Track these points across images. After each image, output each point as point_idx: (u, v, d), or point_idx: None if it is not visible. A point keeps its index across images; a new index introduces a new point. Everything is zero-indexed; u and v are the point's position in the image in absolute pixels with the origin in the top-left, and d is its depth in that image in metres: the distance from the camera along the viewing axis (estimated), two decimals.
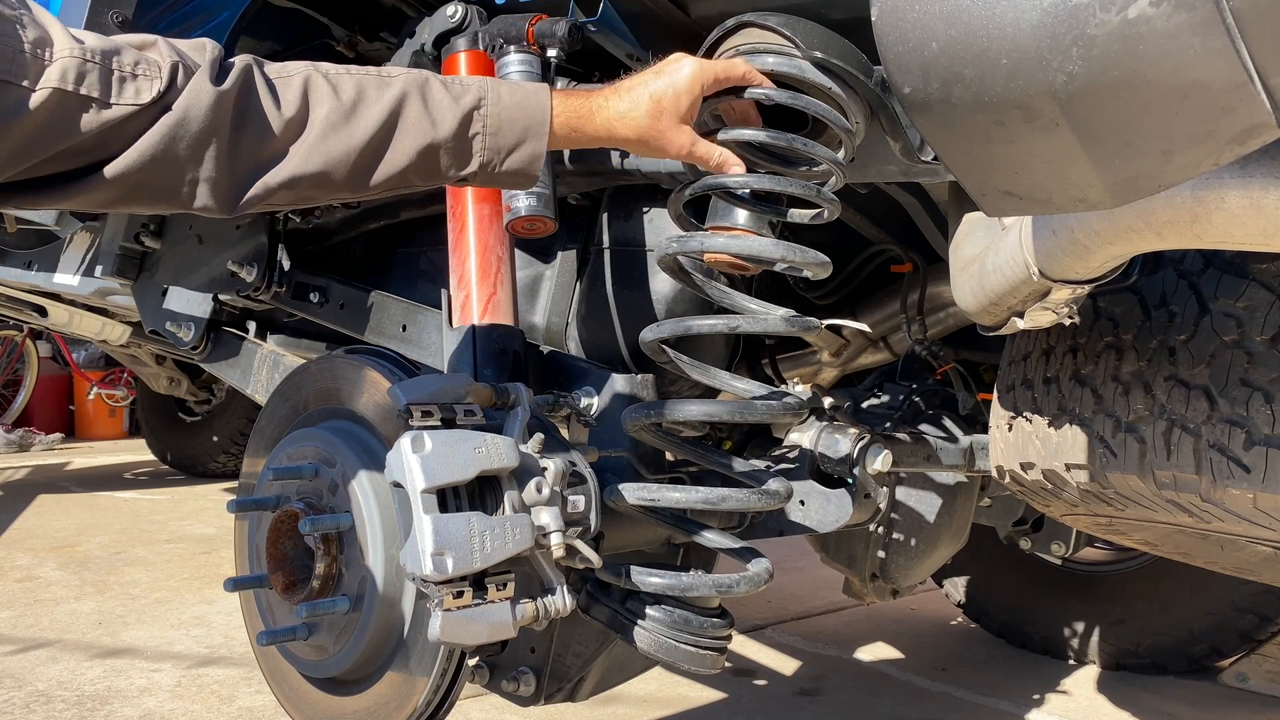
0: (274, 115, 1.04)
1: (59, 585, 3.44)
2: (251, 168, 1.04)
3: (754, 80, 1.15)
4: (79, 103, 0.94)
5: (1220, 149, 0.75)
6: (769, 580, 1.31)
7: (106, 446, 7.25)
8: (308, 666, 1.46)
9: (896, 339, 2.09)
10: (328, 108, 1.06)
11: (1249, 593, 2.55)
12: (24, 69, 0.91)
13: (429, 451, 1.10)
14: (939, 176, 1.33)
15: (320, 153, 1.06)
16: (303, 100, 1.05)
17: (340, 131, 1.06)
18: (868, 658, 2.91)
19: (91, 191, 1.00)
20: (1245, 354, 1.29)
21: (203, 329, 2.47)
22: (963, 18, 0.76)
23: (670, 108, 1.14)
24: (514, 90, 1.16)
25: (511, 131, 1.13)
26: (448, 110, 1.11)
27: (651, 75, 1.16)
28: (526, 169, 1.16)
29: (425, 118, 1.10)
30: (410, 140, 1.10)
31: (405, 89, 1.10)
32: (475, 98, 1.13)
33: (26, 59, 0.92)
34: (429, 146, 1.10)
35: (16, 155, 0.94)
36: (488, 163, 1.14)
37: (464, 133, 1.12)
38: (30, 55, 0.92)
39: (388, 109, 1.09)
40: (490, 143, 1.13)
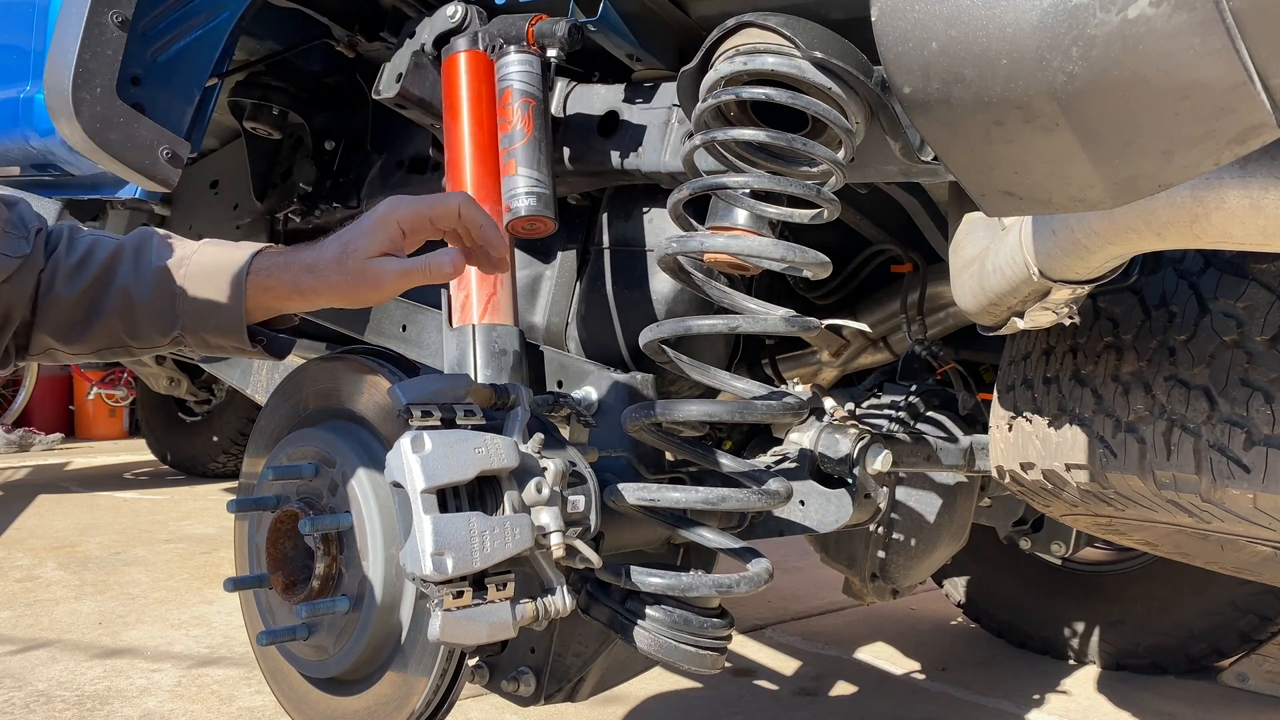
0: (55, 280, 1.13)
1: (59, 585, 3.44)
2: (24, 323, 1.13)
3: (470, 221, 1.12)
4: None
5: (1220, 149, 0.75)
6: (769, 580, 1.31)
7: (106, 446, 7.25)
8: (308, 666, 1.46)
9: (896, 339, 2.09)
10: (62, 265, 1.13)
11: (1249, 593, 2.55)
12: None
13: (429, 451, 1.10)
14: (939, 176, 1.33)
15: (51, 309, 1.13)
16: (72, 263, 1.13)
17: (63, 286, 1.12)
18: (868, 658, 2.91)
19: None
20: (1245, 354, 1.29)
21: None
22: (963, 18, 0.76)
23: (358, 246, 1.11)
24: (222, 247, 1.16)
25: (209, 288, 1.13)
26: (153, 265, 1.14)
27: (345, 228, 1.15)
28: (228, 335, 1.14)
29: (132, 273, 1.13)
30: (116, 298, 1.13)
31: (124, 244, 1.15)
32: (183, 253, 1.15)
33: None
34: (130, 304, 1.13)
35: None
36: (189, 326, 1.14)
37: (164, 290, 1.13)
38: None
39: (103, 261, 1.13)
40: (187, 305, 1.13)
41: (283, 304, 1.17)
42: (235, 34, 1.83)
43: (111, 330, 1.13)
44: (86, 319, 1.12)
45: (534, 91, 1.50)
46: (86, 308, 1.12)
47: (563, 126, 1.66)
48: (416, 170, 2.02)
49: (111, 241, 1.14)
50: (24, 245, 1.07)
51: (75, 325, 1.13)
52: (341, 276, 1.11)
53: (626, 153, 1.59)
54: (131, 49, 1.67)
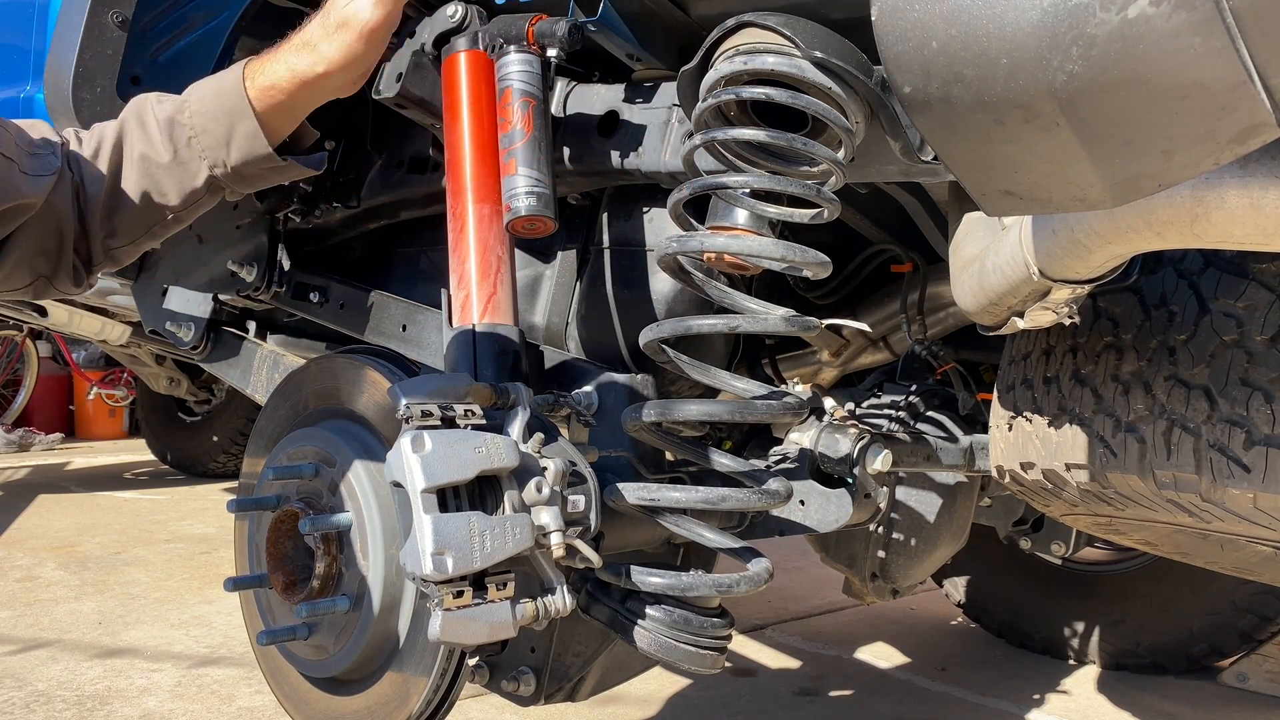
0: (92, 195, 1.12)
1: (59, 585, 3.44)
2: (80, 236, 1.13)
3: None
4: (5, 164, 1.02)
5: (1220, 148, 0.75)
6: (769, 580, 1.31)
7: (106, 446, 7.25)
8: (308, 666, 1.46)
9: (896, 339, 2.09)
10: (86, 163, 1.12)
11: (1249, 593, 2.55)
12: None
13: (429, 451, 1.10)
14: (939, 176, 1.33)
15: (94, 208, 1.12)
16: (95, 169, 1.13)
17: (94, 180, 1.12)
18: (868, 658, 2.91)
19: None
20: (1245, 354, 1.29)
21: (203, 329, 2.47)
22: (963, 17, 0.76)
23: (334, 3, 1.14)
24: (209, 81, 1.15)
25: (217, 120, 1.12)
26: (156, 125, 1.13)
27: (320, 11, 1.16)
28: (253, 153, 1.14)
29: (142, 139, 1.13)
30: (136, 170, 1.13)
31: (124, 118, 1.14)
32: (178, 103, 1.14)
33: None
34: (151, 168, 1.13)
35: None
36: (215, 163, 1.14)
37: (178, 142, 1.13)
38: None
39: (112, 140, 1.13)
40: (205, 141, 1.13)
41: (291, 102, 1.17)
42: (235, 34, 1.83)
43: (149, 204, 1.13)
44: (122, 204, 1.12)
45: (534, 91, 1.50)
46: (118, 192, 1.11)
47: (563, 126, 1.66)
48: (417, 170, 2.02)
49: (112, 123, 1.14)
50: (54, 160, 1.06)
51: (115, 213, 1.12)
52: (327, 35, 1.13)
53: (626, 152, 1.59)
54: (131, 49, 1.67)
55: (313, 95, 1.17)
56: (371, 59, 1.20)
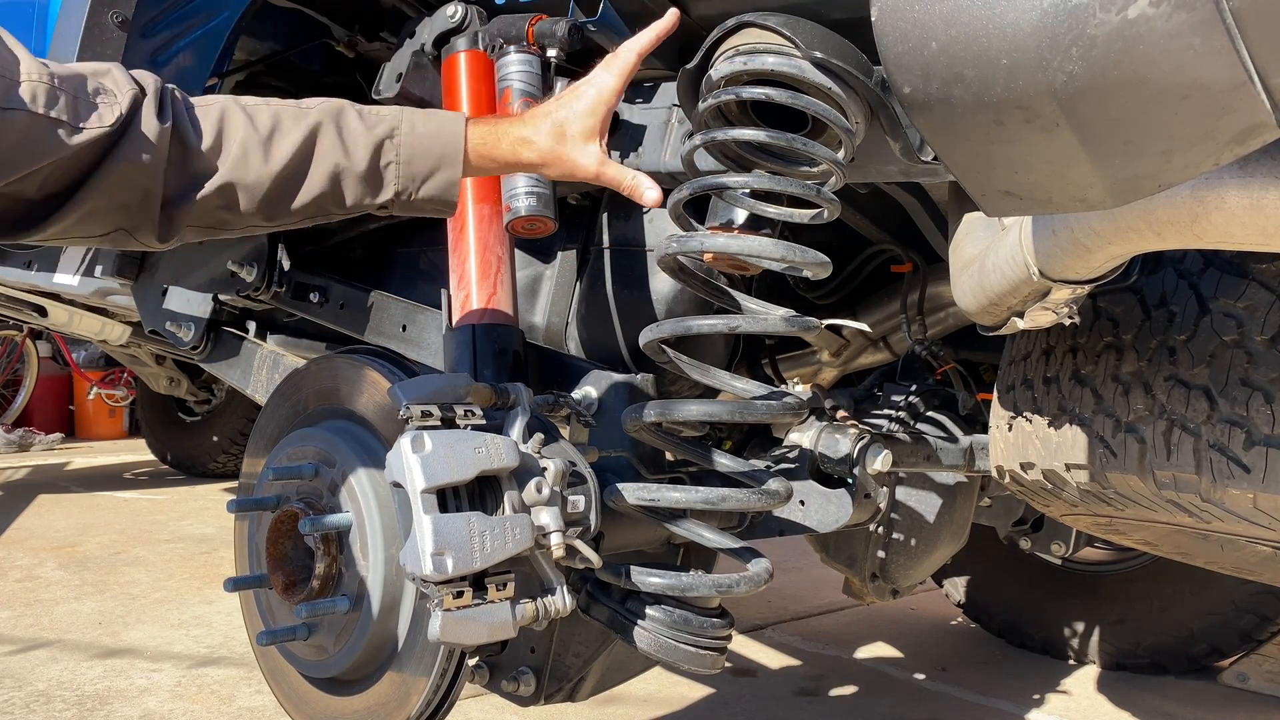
0: (194, 147, 1.08)
1: (59, 585, 3.44)
2: (179, 196, 1.08)
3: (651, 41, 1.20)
4: (49, 125, 0.97)
5: (1220, 149, 0.75)
6: (769, 580, 1.31)
7: (106, 446, 7.25)
8: (308, 666, 1.46)
9: (896, 339, 2.09)
10: (242, 135, 1.09)
11: (1249, 593, 2.55)
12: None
13: (429, 452, 1.10)
14: (939, 176, 1.33)
15: (235, 180, 1.09)
16: (218, 131, 1.09)
17: (254, 160, 1.09)
18: (868, 658, 2.91)
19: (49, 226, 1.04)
20: (1245, 354, 1.29)
21: (203, 329, 2.47)
22: (963, 17, 0.76)
23: (574, 131, 1.18)
24: (429, 119, 1.18)
25: (425, 160, 1.16)
26: (361, 139, 1.14)
27: (554, 103, 1.20)
28: (442, 196, 1.18)
29: (339, 147, 1.13)
30: (323, 168, 1.12)
31: (320, 119, 1.13)
32: (389, 127, 1.15)
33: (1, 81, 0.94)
34: (342, 174, 1.13)
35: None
36: (402, 191, 1.16)
37: (376, 162, 1.14)
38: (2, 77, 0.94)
39: (301, 138, 1.11)
40: (404, 171, 1.15)
41: (490, 169, 1.23)
42: (235, 34, 1.83)
43: (321, 202, 1.14)
44: (290, 191, 1.12)
45: (534, 91, 1.50)
46: (290, 181, 1.11)
47: None
48: None
49: (296, 112, 1.13)
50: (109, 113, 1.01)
51: (275, 200, 1.12)
52: (551, 157, 1.18)
53: (626, 153, 1.59)
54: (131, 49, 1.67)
55: (504, 169, 1.26)
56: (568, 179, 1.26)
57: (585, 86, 1.20)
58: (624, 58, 1.21)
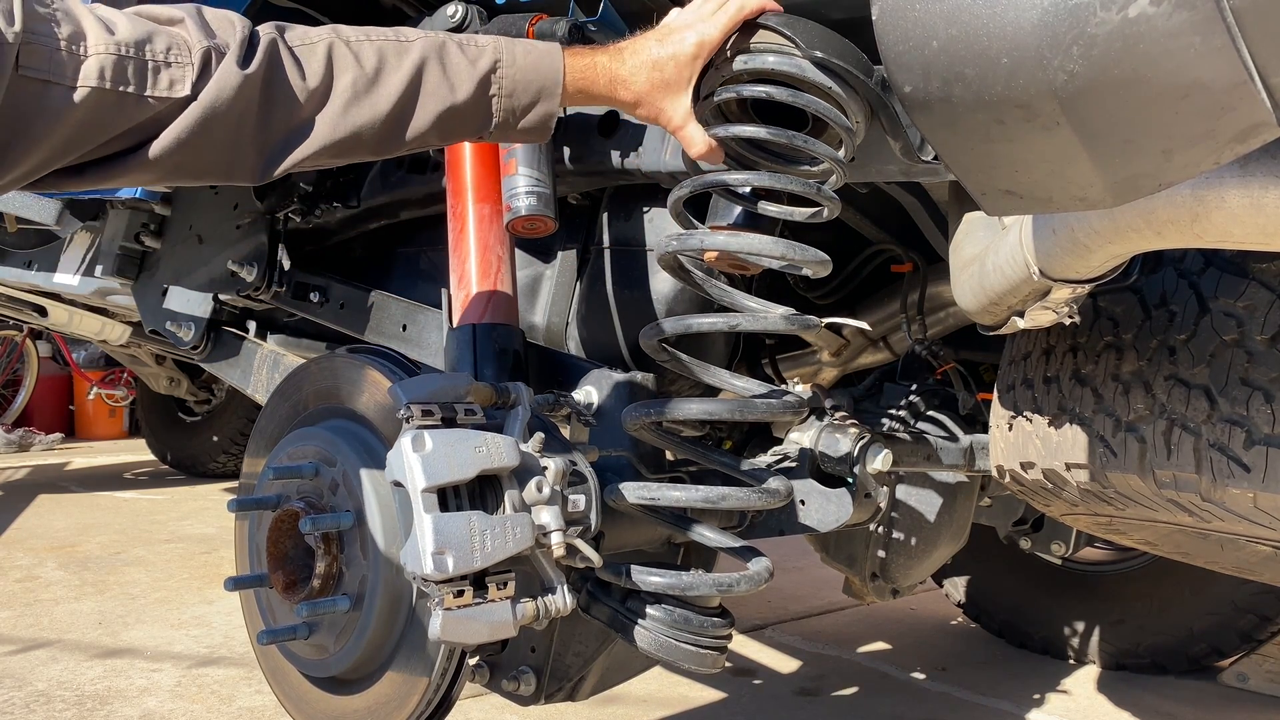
0: (300, 87, 1.06)
1: (59, 585, 3.44)
2: (281, 139, 1.07)
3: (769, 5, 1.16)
4: (117, 99, 0.97)
5: (1220, 148, 0.75)
6: (769, 579, 1.31)
7: (106, 446, 7.25)
8: (308, 666, 1.46)
9: (896, 339, 2.09)
10: (352, 76, 1.08)
11: (1249, 593, 2.55)
12: (62, 67, 0.94)
13: (429, 451, 1.10)
14: (939, 176, 1.33)
15: (347, 121, 1.08)
16: (327, 69, 1.08)
17: (365, 100, 1.09)
18: (868, 658, 2.91)
19: (134, 173, 1.03)
20: (1245, 353, 1.29)
21: (203, 329, 2.47)
22: (963, 17, 0.76)
23: (671, 77, 1.17)
24: (528, 51, 1.18)
25: (526, 92, 1.16)
26: (465, 74, 1.14)
27: (655, 41, 1.18)
28: (541, 125, 1.18)
29: (444, 83, 1.13)
30: (431, 105, 1.12)
31: (424, 54, 1.13)
32: (491, 60, 1.15)
33: (64, 56, 0.94)
34: (449, 110, 1.13)
35: (60, 150, 0.97)
36: (504, 121, 1.17)
37: (482, 95, 1.14)
38: (66, 52, 0.94)
39: (408, 76, 1.11)
40: (507, 104, 1.16)
41: (587, 102, 1.22)
42: None
43: (426, 138, 1.14)
44: (399, 130, 1.12)
45: None
46: (399, 119, 1.11)
47: (563, 126, 1.66)
48: (417, 170, 2.02)
49: (399, 48, 1.13)
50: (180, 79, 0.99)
51: (385, 139, 1.12)
52: (649, 99, 1.18)
53: (626, 152, 1.59)
54: None
55: (599, 103, 1.24)
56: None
57: (687, 31, 1.16)
58: (733, 9, 1.16)
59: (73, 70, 0.94)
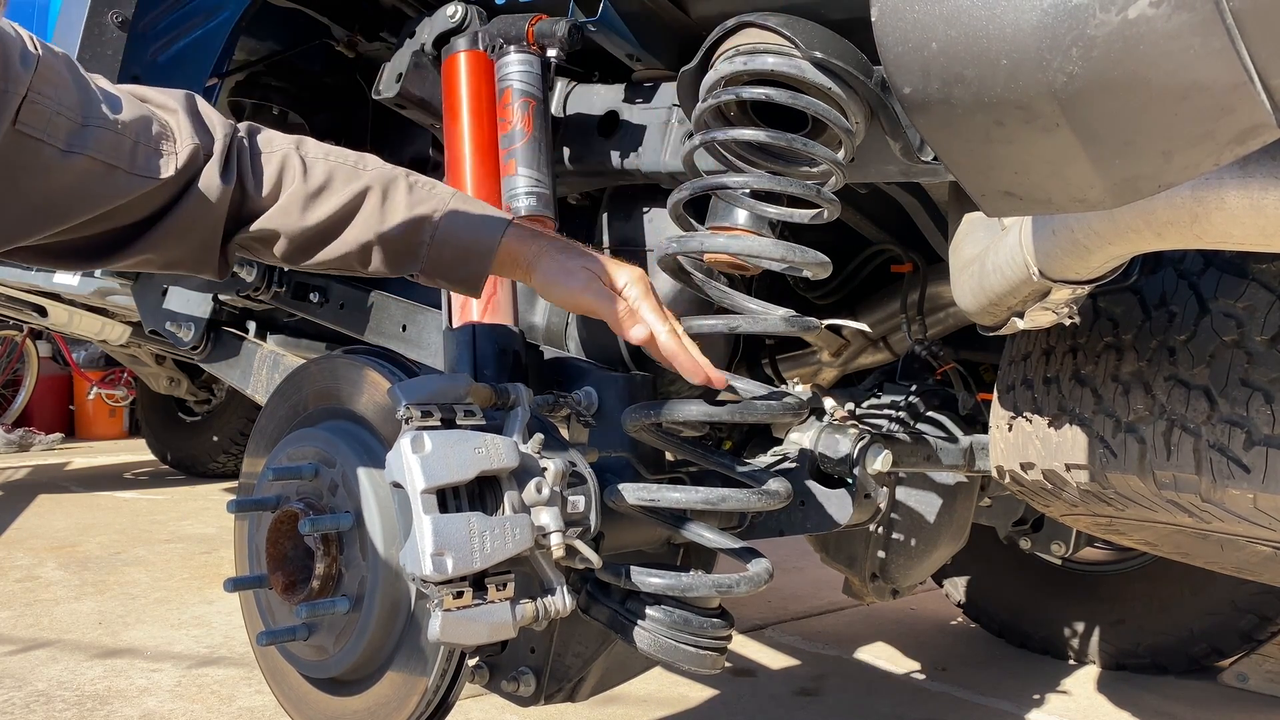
0: (251, 194, 1.14)
1: (59, 585, 3.44)
2: (228, 235, 1.15)
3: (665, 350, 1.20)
4: (105, 171, 1.00)
5: (1220, 149, 0.75)
6: (769, 580, 1.31)
7: (106, 446, 7.25)
8: (307, 667, 1.46)
9: (896, 339, 2.09)
10: (293, 189, 1.15)
11: (1249, 593, 2.55)
12: (58, 130, 0.97)
13: (429, 452, 1.10)
14: (939, 176, 1.33)
15: (275, 226, 1.15)
16: (276, 181, 1.15)
17: (295, 212, 1.15)
18: (868, 658, 2.91)
19: (105, 260, 1.09)
20: (1245, 354, 1.29)
21: (203, 329, 2.47)
22: (963, 18, 0.76)
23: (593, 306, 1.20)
24: (472, 213, 1.22)
25: (455, 250, 1.20)
26: (401, 213, 1.18)
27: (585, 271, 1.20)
28: (468, 283, 1.22)
29: (378, 215, 1.17)
30: (356, 233, 1.17)
31: (369, 184, 1.18)
32: (432, 209, 1.19)
33: (63, 121, 0.97)
34: (376, 239, 1.17)
35: (39, 213, 1.00)
36: (430, 269, 1.21)
37: (412, 237, 1.19)
38: (65, 118, 0.98)
39: (346, 200, 1.16)
40: (432, 254, 1.20)
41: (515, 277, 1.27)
42: (235, 34, 1.83)
43: (346, 260, 1.19)
44: (319, 245, 1.17)
45: (534, 91, 1.50)
46: (323, 236, 1.16)
47: (563, 126, 1.66)
48: (417, 170, 2.02)
49: (350, 173, 1.18)
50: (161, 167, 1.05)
51: (305, 249, 1.17)
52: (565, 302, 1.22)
53: (626, 153, 1.59)
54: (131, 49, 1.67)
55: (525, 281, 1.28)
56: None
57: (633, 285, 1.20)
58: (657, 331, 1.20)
59: (67, 136, 0.97)
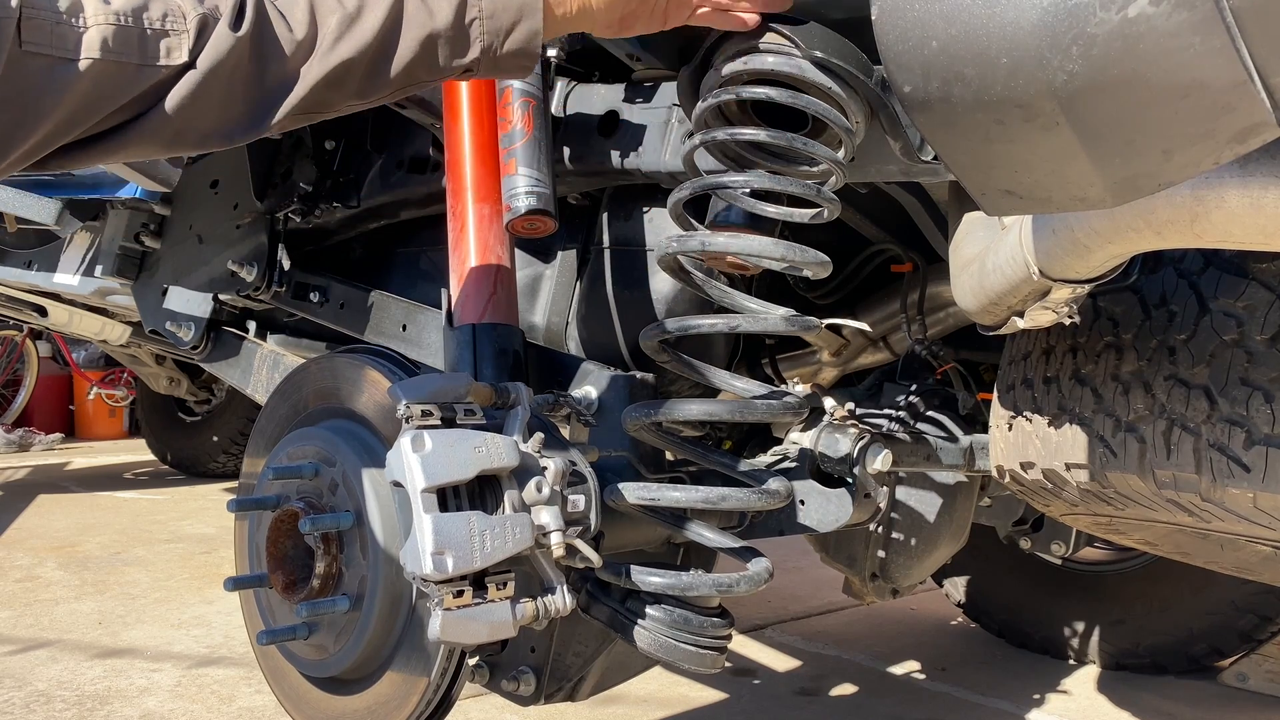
0: (287, 39, 1.07)
1: (59, 585, 3.44)
2: (273, 91, 1.08)
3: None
4: (118, 69, 0.97)
5: (1220, 148, 0.75)
6: (769, 580, 1.31)
7: (106, 446, 7.25)
8: (308, 666, 1.46)
9: (896, 339, 2.09)
10: (337, 17, 1.09)
11: (1249, 593, 2.55)
12: (63, 40, 0.93)
13: (429, 451, 1.10)
14: (939, 176, 1.33)
15: (334, 56, 1.09)
16: (310, 18, 1.09)
17: (348, 38, 1.09)
18: (868, 658, 2.91)
19: (135, 145, 1.04)
20: (1245, 353, 1.29)
21: (203, 329, 2.47)
22: (963, 16, 0.76)
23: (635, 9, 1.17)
24: None
25: (507, 13, 1.15)
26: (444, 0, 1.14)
27: None
28: (526, 48, 1.17)
29: (423, 9, 1.12)
30: (413, 33, 1.12)
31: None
32: None
33: (65, 29, 0.94)
34: (430, 36, 1.12)
35: (65, 126, 0.97)
36: (488, 47, 1.16)
37: (461, 20, 1.14)
38: (67, 25, 0.94)
39: (388, 7, 1.11)
40: (488, 26, 1.15)
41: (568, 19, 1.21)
42: None
43: (411, 69, 1.14)
44: (383, 65, 1.12)
45: (534, 91, 1.50)
46: (382, 53, 1.12)
47: (563, 126, 1.66)
48: (417, 170, 2.02)
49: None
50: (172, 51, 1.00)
51: (371, 74, 1.12)
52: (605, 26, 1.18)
53: (626, 152, 1.59)
54: None
55: (585, 23, 1.23)
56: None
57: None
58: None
59: (74, 43, 0.94)
